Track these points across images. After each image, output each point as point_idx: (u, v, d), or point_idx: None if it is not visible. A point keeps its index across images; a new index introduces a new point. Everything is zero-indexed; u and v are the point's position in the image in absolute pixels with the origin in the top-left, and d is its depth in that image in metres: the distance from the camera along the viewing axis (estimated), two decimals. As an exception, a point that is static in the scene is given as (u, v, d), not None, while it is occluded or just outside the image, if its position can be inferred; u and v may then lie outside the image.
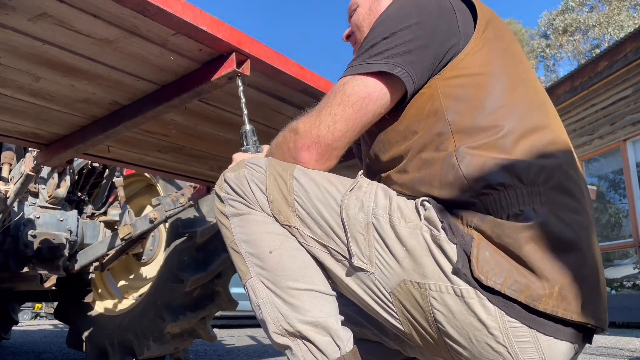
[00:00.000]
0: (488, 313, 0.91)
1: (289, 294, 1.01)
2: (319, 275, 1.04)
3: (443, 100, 1.02)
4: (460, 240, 0.95)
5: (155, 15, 1.03)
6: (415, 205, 1.00)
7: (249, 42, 1.21)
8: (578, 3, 24.53)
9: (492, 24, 1.09)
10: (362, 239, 1.00)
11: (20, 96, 1.37)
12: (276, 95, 1.48)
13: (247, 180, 1.06)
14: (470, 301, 0.92)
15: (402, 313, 0.99)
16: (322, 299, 1.02)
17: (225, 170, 1.11)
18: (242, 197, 1.06)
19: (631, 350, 3.68)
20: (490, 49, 1.06)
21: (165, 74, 1.30)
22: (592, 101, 9.29)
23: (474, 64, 1.04)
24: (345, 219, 1.01)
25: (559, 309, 0.91)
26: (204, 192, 2.45)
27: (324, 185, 1.04)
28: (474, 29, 1.06)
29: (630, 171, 8.44)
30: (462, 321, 0.93)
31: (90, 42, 1.13)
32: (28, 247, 2.69)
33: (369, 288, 1.01)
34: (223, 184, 1.09)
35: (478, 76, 1.03)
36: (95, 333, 3.07)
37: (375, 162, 1.14)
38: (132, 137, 1.71)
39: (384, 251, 0.99)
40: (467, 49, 1.04)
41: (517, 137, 0.98)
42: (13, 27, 1.06)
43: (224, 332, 6.48)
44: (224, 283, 2.78)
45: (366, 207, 1.01)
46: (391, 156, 1.08)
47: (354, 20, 1.32)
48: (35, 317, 16.83)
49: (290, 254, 1.04)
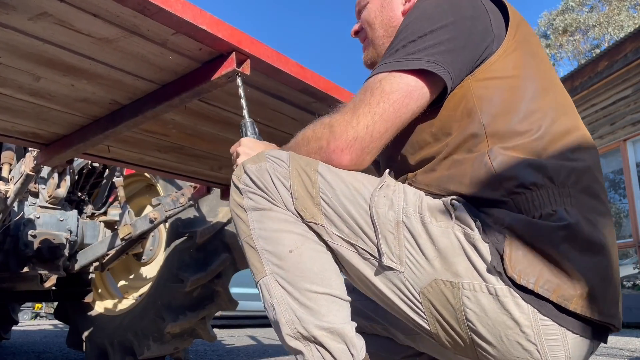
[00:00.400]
0: (521, 311, 0.91)
1: (306, 296, 0.98)
2: (337, 279, 1.02)
3: (477, 102, 1.01)
4: (492, 239, 0.94)
5: (155, 14, 1.03)
6: (445, 204, 0.98)
7: (249, 42, 1.21)
8: (578, 3, 24.52)
9: (522, 26, 1.09)
10: (392, 238, 0.98)
11: (20, 96, 1.37)
12: (276, 95, 1.48)
13: (270, 174, 1.02)
14: (504, 300, 0.92)
15: (430, 312, 0.98)
16: (339, 304, 1.00)
17: (243, 160, 1.08)
18: (264, 192, 1.02)
19: (631, 350, 3.68)
20: (522, 52, 1.05)
21: (165, 73, 1.29)
22: (592, 101, 9.29)
23: (507, 66, 1.03)
24: (375, 217, 0.98)
25: (588, 310, 0.92)
26: (204, 192, 2.45)
27: (351, 182, 1.02)
28: (505, 31, 1.06)
29: (630, 171, 8.43)
30: (495, 319, 0.93)
31: (90, 42, 1.13)
32: (28, 247, 2.69)
33: (397, 287, 0.99)
34: (242, 175, 1.04)
35: (511, 79, 1.03)
36: (95, 333, 3.07)
37: (400, 164, 1.11)
38: (132, 137, 1.71)
39: (415, 250, 0.97)
40: (500, 51, 1.03)
41: (550, 141, 0.99)
42: (13, 26, 1.06)
43: (224, 332, 6.48)
44: (224, 283, 2.77)
45: (396, 205, 0.99)
46: (421, 157, 1.06)
47: (364, 16, 1.29)
48: (35, 317, 16.82)
49: (310, 255, 1.01)
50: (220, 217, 2.73)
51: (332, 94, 1.48)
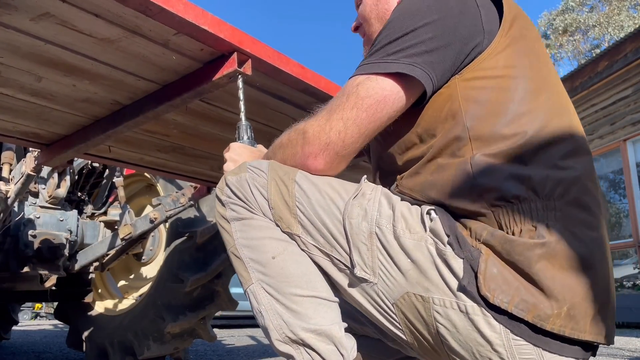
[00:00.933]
0: (493, 330, 0.89)
1: (292, 300, 0.98)
2: (321, 282, 1.01)
3: (462, 103, 0.97)
4: (467, 255, 0.91)
5: (157, 14, 1.03)
6: (421, 214, 0.97)
7: (251, 42, 1.21)
8: (578, 3, 24.51)
9: (518, 20, 1.03)
10: (365, 249, 0.97)
11: (22, 96, 1.37)
12: (277, 95, 1.48)
13: (249, 184, 1.03)
14: (475, 318, 0.89)
15: (405, 324, 0.97)
16: (326, 306, 1.00)
17: (226, 172, 1.09)
18: (244, 202, 1.03)
19: (631, 350, 3.68)
20: (515, 48, 0.99)
21: (166, 74, 1.29)
22: (592, 101, 9.29)
23: (497, 64, 0.98)
24: (347, 227, 0.97)
25: (567, 329, 0.88)
26: (204, 192, 2.44)
27: (327, 191, 1.01)
28: (499, 26, 1.00)
29: (630, 171, 8.43)
30: (466, 336, 0.91)
31: (92, 42, 1.13)
32: (28, 247, 2.69)
33: (372, 298, 0.98)
34: (224, 187, 1.05)
35: (501, 79, 0.97)
36: (95, 333, 3.07)
37: (389, 164, 1.10)
38: (132, 137, 1.71)
39: (388, 262, 0.96)
40: (490, 48, 0.98)
41: (537, 146, 0.94)
42: (15, 26, 1.06)
43: (224, 332, 6.48)
44: (224, 283, 2.78)
45: (369, 216, 0.98)
46: (408, 158, 1.03)
47: (360, 11, 1.26)
48: (35, 317, 16.82)
49: (293, 260, 1.01)
50: (220, 217, 2.73)
51: (333, 94, 1.48)
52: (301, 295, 0.99)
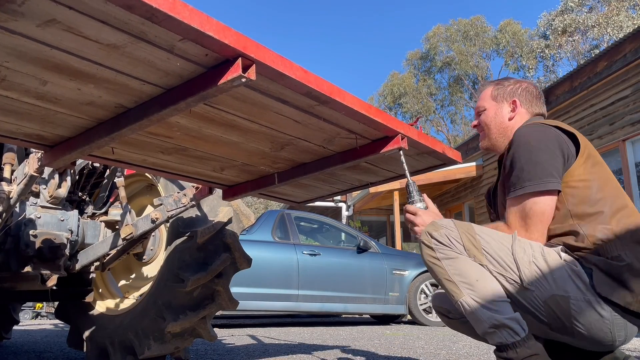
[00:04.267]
0: (604, 310, 1.65)
1: (492, 303, 1.67)
2: (503, 291, 1.71)
3: (564, 196, 1.76)
4: (587, 271, 1.68)
5: (162, 21, 1.04)
6: (557, 251, 1.73)
7: (255, 47, 1.22)
8: (577, 3, 24.51)
9: (587, 147, 1.81)
10: (528, 271, 1.70)
11: (27, 99, 1.38)
12: (280, 98, 1.49)
13: (448, 236, 1.74)
14: (594, 305, 1.66)
15: (549, 314, 1.70)
16: (510, 304, 1.69)
17: (426, 227, 1.80)
18: (448, 247, 1.74)
19: (630, 350, 3.69)
20: (588, 164, 1.78)
21: (171, 78, 1.30)
22: (591, 101, 9.30)
23: (579, 174, 1.76)
24: (517, 258, 1.71)
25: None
26: (205, 192, 2.45)
27: (496, 238, 1.76)
28: (576, 152, 1.78)
29: (629, 171, 8.45)
30: (589, 316, 1.65)
31: (97, 47, 1.14)
32: (29, 247, 2.69)
33: (530, 299, 1.71)
34: (431, 240, 1.76)
35: (584, 181, 1.76)
36: (96, 332, 3.08)
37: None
38: (136, 139, 1.72)
39: (541, 277, 1.69)
40: (574, 165, 1.76)
41: (611, 215, 1.72)
42: (21, 32, 1.07)
43: (224, 331, 6.49)
44: (224, 282, 2.78)
45: (527, 252, 1.72)
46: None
47: (482, 119, 2.11)
48: (36, 317, 16.82)
49: (489, 280, 1.71)
50: (220, 217, 2.74)
51: (335, 97, 1.50)
52: (497, 300, 1.67)
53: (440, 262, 1.73)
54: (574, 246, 1.71)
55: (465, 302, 1.69)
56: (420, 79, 35.21)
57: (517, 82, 2.11)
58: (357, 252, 7.91)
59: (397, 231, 12.89)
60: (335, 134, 1.79)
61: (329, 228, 8.92)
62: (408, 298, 7.83)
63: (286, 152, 1.94)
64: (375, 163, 2.10)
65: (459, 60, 32.82)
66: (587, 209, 1.72)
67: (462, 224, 1.76)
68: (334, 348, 4.26)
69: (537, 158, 1.74)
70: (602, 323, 1.64)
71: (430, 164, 2.22)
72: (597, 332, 1.66)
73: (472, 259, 1.71)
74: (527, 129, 1.84)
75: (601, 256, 1.67)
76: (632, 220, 1.73)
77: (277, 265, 7.20)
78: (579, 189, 1.74)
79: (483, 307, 1.66)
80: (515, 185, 1.79)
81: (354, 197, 14.38)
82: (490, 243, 1.73)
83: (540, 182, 1.73)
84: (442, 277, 1.74)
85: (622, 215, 1.72)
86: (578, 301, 1.65)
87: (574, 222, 1.72)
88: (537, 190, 1.73)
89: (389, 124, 1.73)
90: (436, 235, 1.74)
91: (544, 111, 2.11)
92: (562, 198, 1.75)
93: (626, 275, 1.62)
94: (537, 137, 1.78)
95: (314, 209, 14.67)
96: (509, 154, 1.86)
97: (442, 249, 1.73)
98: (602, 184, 1.76)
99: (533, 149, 1.75)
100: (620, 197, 1.77)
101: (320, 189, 2.44)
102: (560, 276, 1.67)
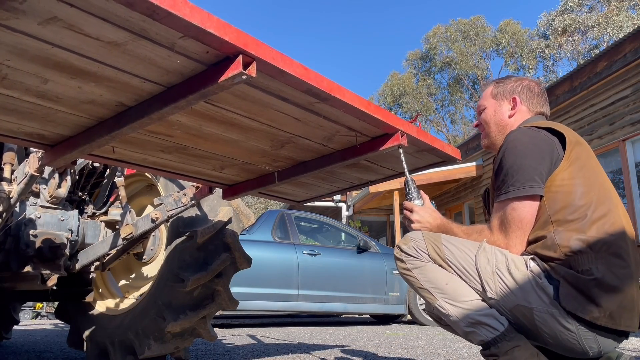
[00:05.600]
0: (569, 323, 1.64)
1: (464, 303, 1.74)
2: (474, 292, 1.77)
3: (546, 201, 1.73)
4: (554, 283, 1.66)
5: (163, 18, 1.04)
6: (525, 260, 1.72)
7: (255, 44, 1.21)
8: (577, 3, 24.52)
9: (576, 147, 1.77)
10: (491, 281, 1.73)
11: (27, 98, 1.38)
12: (280, 96, 1.49)
13: (415, 248, 1.83)
14: (558, 318, 1.65)
15: (516, 322, 1.71)
16: (482, 302, 1.75)
17: (399, 241, 1.88)
18: (416, 257, 1.82)
19: (630, 350, 3.69)
20: (574, 168, 1.73)
21: (171, 76, 1.30)
22: (591, 101, 9.30)
23: (563, 177, 1.72)
24: (479, 269, 1.75)
25: (608, 323, 1.62)
26: (206, 192, 2.45)
27: (462, 248, 1.80)
28: (563, 153, 1.74)
29: (629, 171, 8.45)
30: (553, 328, 1.65)
31: (98, 45, 1.14)
32: (29, 246, 2.69)
33: (496, 308, 1.73)
34: (401, 252, 1.85)
35: (566, 186, 1.72)
36: (96, 332, 3.08)
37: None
38: (136, 138, 1.72)
39: (505, 287, 1.71)
40: (558, 169, 1.73)
41: (591, 224, 1.67)
42: (22, 30, 1.07)
43: (224, 331, 6.49)
44: (224, 282, 2.78)
45: (491, 262, 1.74)
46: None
47: (482, 117, 2.12)
48: (36, 317, 16.80)
49: (457, 282, 1.78)
50: (220, 216, 2.74)
51: (335, 95, 1.49)
52: (469, 300, 1.74)
53: (411, 272, 1.82)
54: (545, 256, 1.69)
55: (440, 306, 1.76)
56: (420, 79, 35.23)
57: (519, 80, 2.09)
58: (357, 252, 7.91)
59: (397, 231, 12.90)
60: (335, 132, 1.79)
61: (329, 228, 8.93)
62: (408, 298, 7.83)
63: (286, 150, 1.94)
64: (375, 161, 2.10)
65: (459, 60, 32.85)
66: (568, 215, 1.68)
67: (431, 235, 1.83)
68: (334, 348, 4.26)
69: (522, 163, 1.73)
70: (569, 335, 1.63)
71: (430, 162, 2.22)
72: (564, 342, 1.66)
73: (439, 265, 1.79)
74: (517, 133, 1.83)
75: (571, 268, 1.64)
76: (614, 228, 1.67)
77: (277, 265, 7.20)
78: (561, 193, 1.70)
79: (457, 308, 1.73)
80: (500, 190, 1.80)
81: (354, 197, 14.39)
82: (455, 253, 1.78)
83: (522, 187, 1.71)
84: (416, 286, 1.82)
85: (603, 223, 1.67)
86: (541, 313, 1.65)
87: (554, 227, 1.69)
88: (517, 196, 1.72)
89: (389, 121, 1.73)
90: (405, 248, 1.84)
91: (546, 110, 2.08)
92: (543, 203, 1.72)
93: (594, 290, 1.59)
94: (525, 140, 1.77)
95: (314, 208, 14.68)
96: (497, 157, 1.86)
97: (411, 260, 1.82)
98: (586, 189, 1.70)
99: (519, 154, 1.75)
100: (606, 202, 1.71)
101: (320, 187, 2.44)
102: (523, 287, 1.67)
